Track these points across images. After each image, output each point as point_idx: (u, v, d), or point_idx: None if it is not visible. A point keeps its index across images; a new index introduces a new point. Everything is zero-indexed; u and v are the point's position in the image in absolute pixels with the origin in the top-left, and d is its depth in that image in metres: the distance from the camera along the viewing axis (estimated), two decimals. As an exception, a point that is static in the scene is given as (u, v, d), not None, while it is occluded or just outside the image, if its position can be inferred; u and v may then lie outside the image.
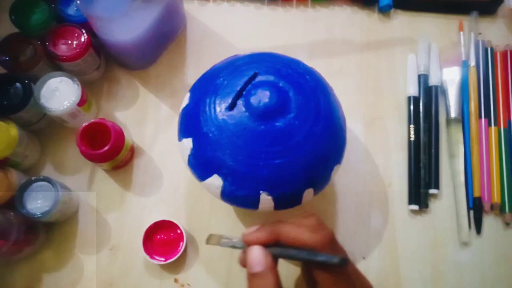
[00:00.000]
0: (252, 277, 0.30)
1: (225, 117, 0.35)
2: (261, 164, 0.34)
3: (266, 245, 0.31)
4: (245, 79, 0.36)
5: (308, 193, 0.36)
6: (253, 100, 0.35)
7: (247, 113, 0.34)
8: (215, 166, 0.35)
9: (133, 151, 0.46)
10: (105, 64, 0.49)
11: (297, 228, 0.31)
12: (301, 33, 0.52)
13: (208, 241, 0.36)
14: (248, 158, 0.34)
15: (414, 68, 0.51)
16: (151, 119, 0.48)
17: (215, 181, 0.35)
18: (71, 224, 0.44)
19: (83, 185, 0.46)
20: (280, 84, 0.36)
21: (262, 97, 0.35)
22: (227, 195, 0.36)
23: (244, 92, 0.35)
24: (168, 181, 0.46)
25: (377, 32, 0.53)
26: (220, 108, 0.35)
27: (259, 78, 0.36)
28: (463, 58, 0.51)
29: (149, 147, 0.47)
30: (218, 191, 0.36)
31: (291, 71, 0.37)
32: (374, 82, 0.51)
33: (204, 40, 0.52)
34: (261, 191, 0.35)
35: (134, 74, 0.50)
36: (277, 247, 0.31)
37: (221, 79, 0.37)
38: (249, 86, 0.36)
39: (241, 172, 0.34)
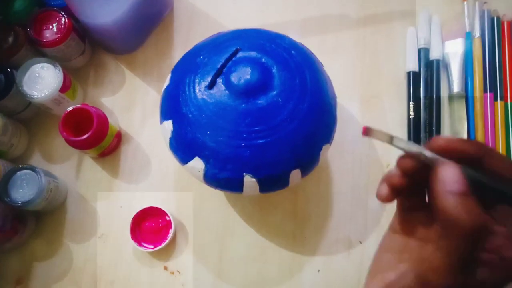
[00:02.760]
0: (456, 196, 0.21)
1: (204, 97, 0.33)
2: (243, 144, 0.32)
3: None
4: (226, 55, 0.34)
5: (295, 174, 0.34)
6: (234, 77, 0.33)
7: (227, 92, 0.33)
8: (196, 148, 0.33)
9: (120, 138, 0.45)
10: (91, 49, 0.48)
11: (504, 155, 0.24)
12: (294, 10, 0.50)
13: (370, 134, 0.25)
14: (229, 139, 0.32)
15: (414, 42, 0.48)
16: (139, 104, 0.47)
17: (197, 164, 0.34)
18: (60, 212, 0.44)
19: (71, 173, 0.45)
20: (263, 60, 0.34)
21: (243, 74, 0.33)
22: (210, 179, 0.34)
23: (224, 70, 0.34)
24: (157, 167, 0.45)
25: (374, 6, 0.50)
26: (199, 87, 0.33)
27: (241, 54, 0.34)
28: (467, 30, 0.47)
29: (136, 133, 0.46)
30: (201, 174, 0.34)
31: (276, 46, 0.35)
32: (371, 58, 0.48)
33: (192, 21, 0.50)
34: (244, 174, 0.33)
35: (121, 58, 0.48)
36: (475, 171, 0.23)
37: (201, 57, 0.35)
38: (230, 63, 0.34)
39: (223, 154, 0.33)
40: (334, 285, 0.41)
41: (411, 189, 0.24)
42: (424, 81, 0.46)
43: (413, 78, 0.46)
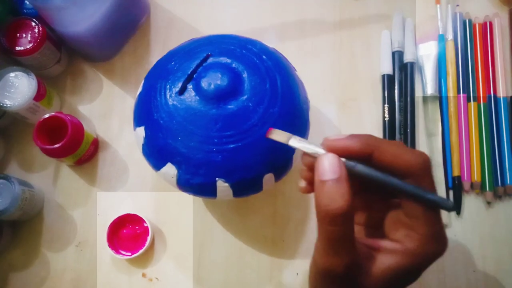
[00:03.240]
0: (321, 184, 0.24)
1: (175, 102, 0.33)
2: (214, 149, 0.32)
3: (348, 160, 0.25)
4: (197, 61, 0.34)
5: (269, 178, 0.35)
6: (204, 83, 0.33)
7: (197, 97, 0.33)
8: (168, 154, 0.33)
9: (97, 145, 0.45)
10: (68, 57, 0.48)
11: (396, 145, 0.25)
12: (271, 15, 0.50)
13: (270, 135, 0.29)
14: (200, 144, 0.32)
15: (388, 45, 0.48)
16: (116, 112, 0.47)
17: (170, 170, 0.34)
18: (37, 221, 0.43)
19: (48, 182, 0.44)
20: (233, 65, 0.34)
21: (213, 79, 0.33)
22: (183, 184, 0.34)
23: (195, 75, 0.34)
24: (134, 174, 0.45)
25: (351, 10, 0.50)
26: (170, 93, 0.34)
27: (211, 60, 0.34)
28: (440, 32, 0.48)
29: (114, 140, 0.46)
30: (174, 180, 0.34)
31: (246, 52, 0.35)
32: (348, 62, 0.49)
33: (170, 27, 0.50)
34: (217, 178, 0.33)
35: (98, 66, 0.49)
36: (363, 165, 0.24)
37: (172, 63, 0.35)
38: (200, 68, 0.34)
39: (195, 159, 0.33)
40: (312, 288, 0.41)
41: None
42: (399, 84, 0.47)
43: (387, 81, 0.47)
